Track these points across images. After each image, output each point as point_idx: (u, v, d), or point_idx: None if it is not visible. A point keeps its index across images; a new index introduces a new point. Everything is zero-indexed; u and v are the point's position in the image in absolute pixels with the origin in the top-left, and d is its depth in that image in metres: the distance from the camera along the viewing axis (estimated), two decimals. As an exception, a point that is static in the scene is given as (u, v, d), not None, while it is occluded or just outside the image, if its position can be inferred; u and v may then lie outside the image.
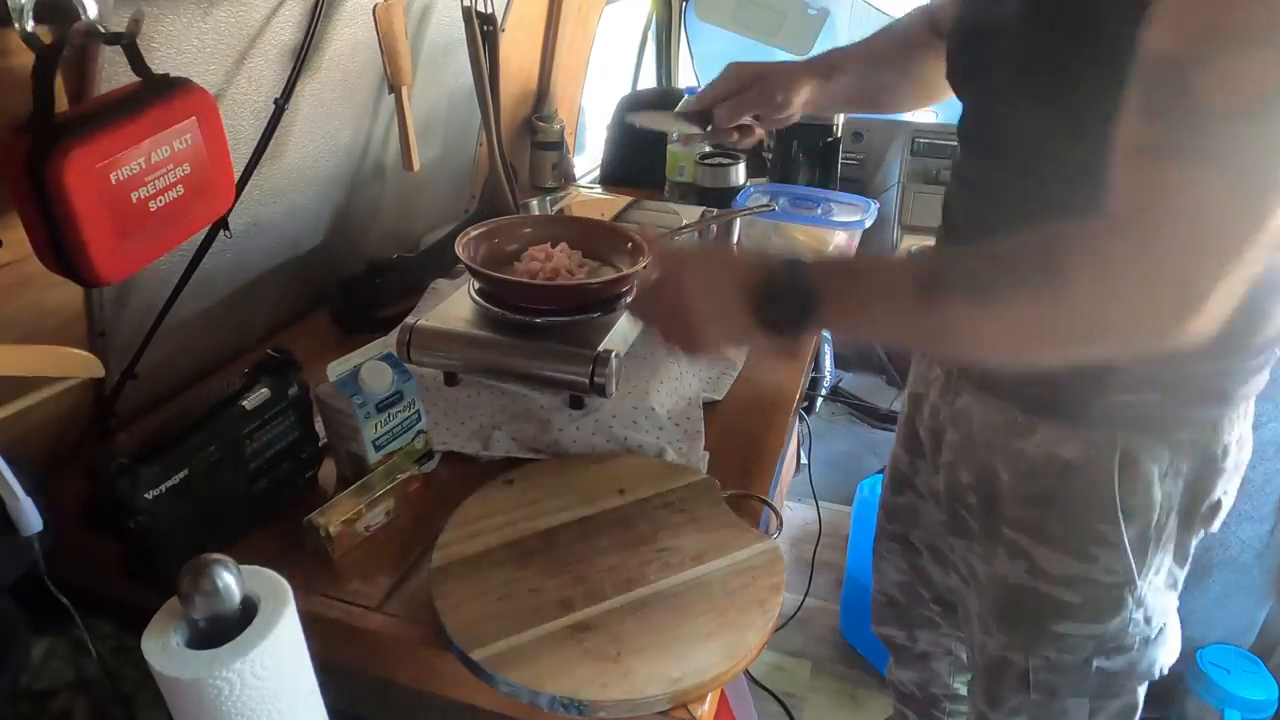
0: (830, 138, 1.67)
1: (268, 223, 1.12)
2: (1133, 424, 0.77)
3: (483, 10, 1.22)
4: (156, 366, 1.01)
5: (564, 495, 0.85)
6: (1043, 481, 0.82)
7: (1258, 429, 1.49)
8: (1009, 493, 0.85)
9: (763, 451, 0.98)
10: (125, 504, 0.71)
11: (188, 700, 0.53)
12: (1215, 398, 0.76)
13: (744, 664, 0.68)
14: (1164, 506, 0.80)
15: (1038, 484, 0.83)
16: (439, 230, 1.45)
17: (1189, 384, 0.75)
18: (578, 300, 1.00)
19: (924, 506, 1.10)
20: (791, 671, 1.84)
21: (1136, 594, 0.84)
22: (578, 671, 0.65)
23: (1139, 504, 0.79)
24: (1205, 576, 1.58)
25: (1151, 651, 0.89)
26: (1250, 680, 1.57)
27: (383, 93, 1.23)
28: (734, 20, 2.12)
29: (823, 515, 1.96)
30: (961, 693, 1.26)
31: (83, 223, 0.69)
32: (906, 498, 1.12)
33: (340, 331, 1.22)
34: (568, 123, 1.83)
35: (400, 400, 0.87)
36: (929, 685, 1.28)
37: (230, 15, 0.89)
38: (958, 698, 1.27)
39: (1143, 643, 0.88)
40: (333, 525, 0.79)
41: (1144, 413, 0.76)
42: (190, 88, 0.78)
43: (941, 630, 1.21)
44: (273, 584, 0.57)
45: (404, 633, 0.73)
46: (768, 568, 0.76)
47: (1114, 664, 0.88)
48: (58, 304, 0.86)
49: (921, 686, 1.29)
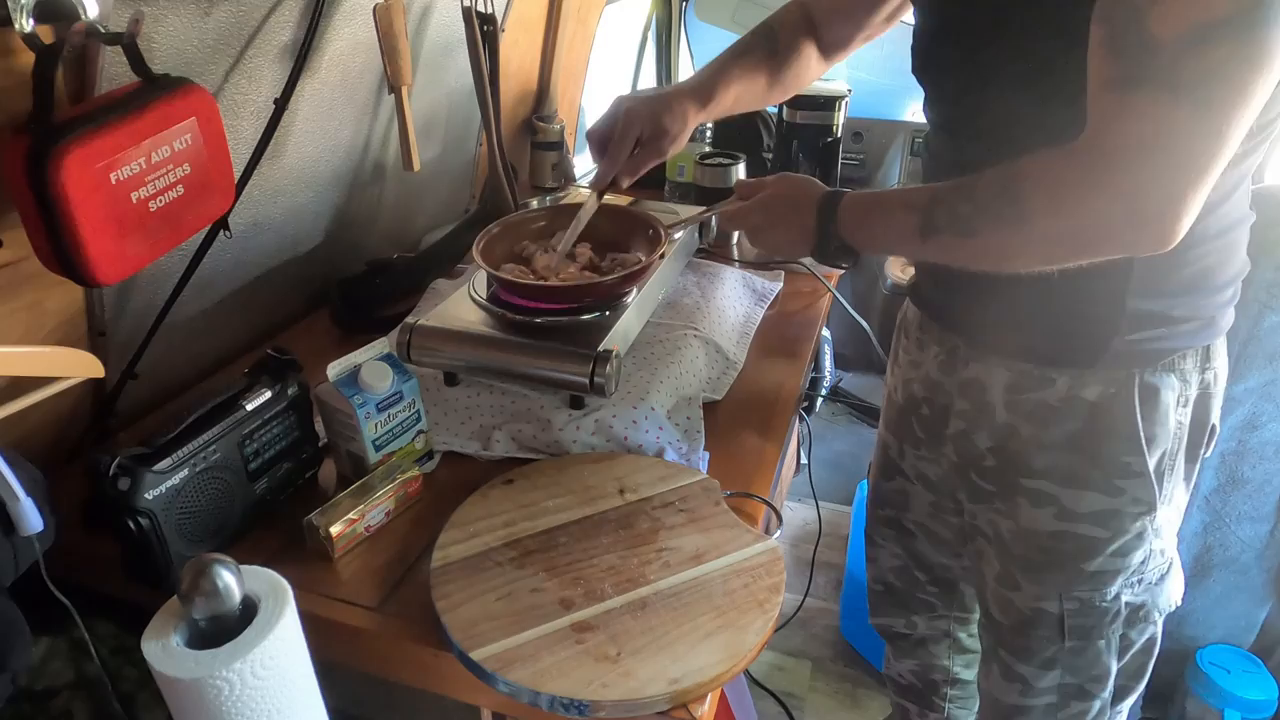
0: (830, 138, 1.67)
1: (268, 223, 1.12)
2: (1145, 358, 0.83)
3: (483, 10, 1.22)
4: (156, 366, 1.01)
5: (564, 495, 0.85)
6: (1068, 425, 0.87)
7: (1257, 429, 1.49)
8: (1032, 443, 0.89)
9: (763, 451, 0.98)
10: (125, 504, 0.71)
11: (188, 700, 0.53)
12: (1207, 327, 0.84)
13: (744, 664, 0.68)
14: (1176, 434, 0.87)
15: (1062, 429, 0.87)
16: (439, 230, 1.45)
17: (1186, 317, 0.82)
18: (578, 300, 1.00)
19: (913, 490, 1.13)
20: (791, 671, 1.84)
21: (1155, 524, 0.90)
22: (578, 671, 0.65)
23: (1159, 432, 0.85)
24: (1205, 576, 1.59)
25: (1167, 585, 0.95)
26: (1250, 680, 1.57)
27: (383, 93, 1.23)
28: (734, 20, 2.12)
29: (823, 515, 1.96)
30: (962, 676, 1.27)
31: (82, 223, 0.69)
32: (896, 483, 1.15)
33: (340, 331, 1.22)
34: (568, 123, 1.83)
35: (400, 400, 0.87)
36: (929, 672, 1.30)
37: (230, 15, 0.89)
38: (957, 682, 1.28)
39: (1159, 576, 0.94)
40: (333, 525, 0.79)
41: (1153, 346, 0.82)
42: (190, 88, 0.78)
43: (938, 612, 1.23)
44: (273, 584, 0.58)
45: (404, 633, 0.73)
46: (768, 568, 0.76)
47: (1139, 597, 0.93)
48: (58, 304, 0.86)
49: (921, 674, 1.31)
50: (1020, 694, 1.01)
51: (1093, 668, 0.96)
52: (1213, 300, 0.83)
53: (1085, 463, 0.87)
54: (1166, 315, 0.81)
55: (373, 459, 0.86)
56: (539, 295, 1.00)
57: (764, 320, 1.25)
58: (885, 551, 1.22)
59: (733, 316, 1.23)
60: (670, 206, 1.42)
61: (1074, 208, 0.66)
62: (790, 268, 1.39)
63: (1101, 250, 0.68)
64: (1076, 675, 0.97)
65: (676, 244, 1.21)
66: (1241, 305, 0.87)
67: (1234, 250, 0.83)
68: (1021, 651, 0.99)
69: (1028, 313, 0.85)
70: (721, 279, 1.31)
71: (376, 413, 0.85)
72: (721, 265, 1.37)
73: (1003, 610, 1.00)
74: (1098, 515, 0.89)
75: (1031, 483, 0.91)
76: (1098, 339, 0.83)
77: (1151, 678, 0.99)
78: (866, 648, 1.86)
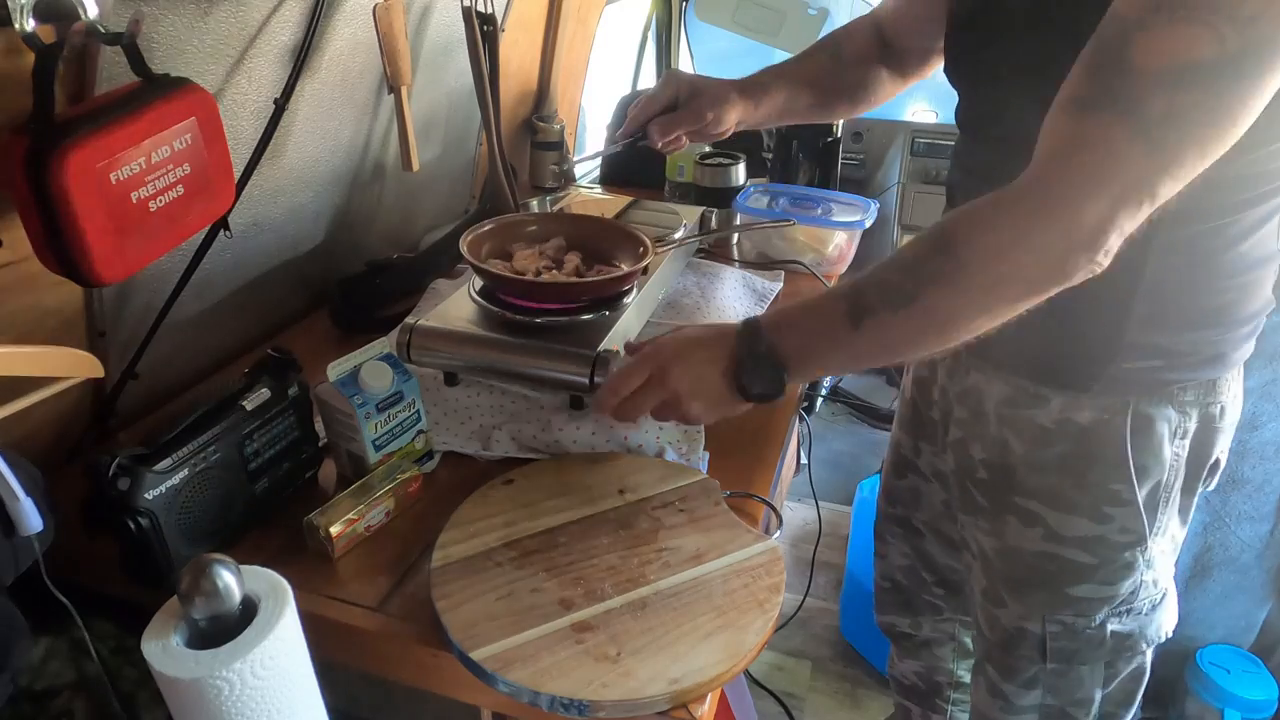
0: (830, 138, 1.67)
1: (268, 223, 1.12)
2: (1141, 388, 0.81)
3: (483, 10, 1.22)
4: (156, 366, 1.01)
5: (564, 495, 0.85)
6: (1058, 448, 0.86)
7: (1257, 429, 1.49)
8: (1022, 462, 0.88)
9: (763, 451, 0.98)
10: (125, 504, 0.71)
11: (188, 700, 0.53)
12: (1213, 361, 0.81)
13: (744, 664, 0.68)
14: (1172, 466, 0.85)
15: (1053, 450, 0.86)
16: (439, 230, 1.45)
17: (1190, 351, 0.79)
18: (578, 300, 1.00)
19: (927, 488, 1.11)
20: (791, 671, 1.84)
21: (1147, 555, 0.88)
22: (578, 671, 0.65)
23: (1151, 463, 0.84)
24: (1205, 576, 1.59)
25: (1159, 616, 0.93)
26: (1250, 680, 1.57)
27: (383, 93, 1.23)
28: (734, 20, 2.12)
29: (823, 515, 1.96)
30: (965, 680, 1.27)
31: (83, 223, 0.69)
32: (909, 480, 1.14)
33: (340, 331, 1.22)
34: (568, 123, 1.83)
35: (400, 400, 0.87)
36: (933, 674, 1.29)
37: (230, 15, 0.89)
38: (961, 685, 1.28)
39: (1150, 606, 0.92)
40: (333, 525, 0.79)
41: (1151, 376, 0.81)
42: (190, 88, 0.78)
43: (944, 615, 1.22)
44: (273, 584, 0.58)
45: (404, 633, 0.73)
46: (768, 568, 0.76)
47: (1126, 626, 0.91)
48: (58, 304, 0.86)
49: (925, 676, 1.30)
50: (1001, 710, 1.00)
51: (1075, 692, 0.95)
52: (1226, 336, 0.80)
53: (1073, 486, 0.86)
54: (1168, 348, 0.79)
55: (373, 459, 0.86)
56: (529, 291, 1.00)
57: (764, 320, 1.25)
58: (894, 550, 1.22)
59: (733, 316, 1.23)
60: (670, 206, 1.42)
61: (1012, 246, 0.65)
62: (790, 268, 1.39)
63: (1040, 287, 0.66)
64: (1058, 698, 0.96)
65: (677, 244, 1.21)
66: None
67: (1258, 287, 0.80)
68: (1005, 669, 0.98)
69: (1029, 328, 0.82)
70: (721, 279, 1.31)
71: (376, 413, 0.85)
72: (721, 265, 1.37)
73: (989, 625, 0.99)
74: (1084, 541, 0.87)
75: (1022, 501, 0.90)
76: (1095, 363, 0.81)
77: (1151, 678, 0.98)
78: (866, 648, 1.86)
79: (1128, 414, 0.82)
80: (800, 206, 1.44)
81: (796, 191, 1.50)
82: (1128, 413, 0.82)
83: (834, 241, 1.41)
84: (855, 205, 1.44)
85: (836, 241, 1.41)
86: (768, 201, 1.46)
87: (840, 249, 1.42)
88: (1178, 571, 1.54)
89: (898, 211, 2.35)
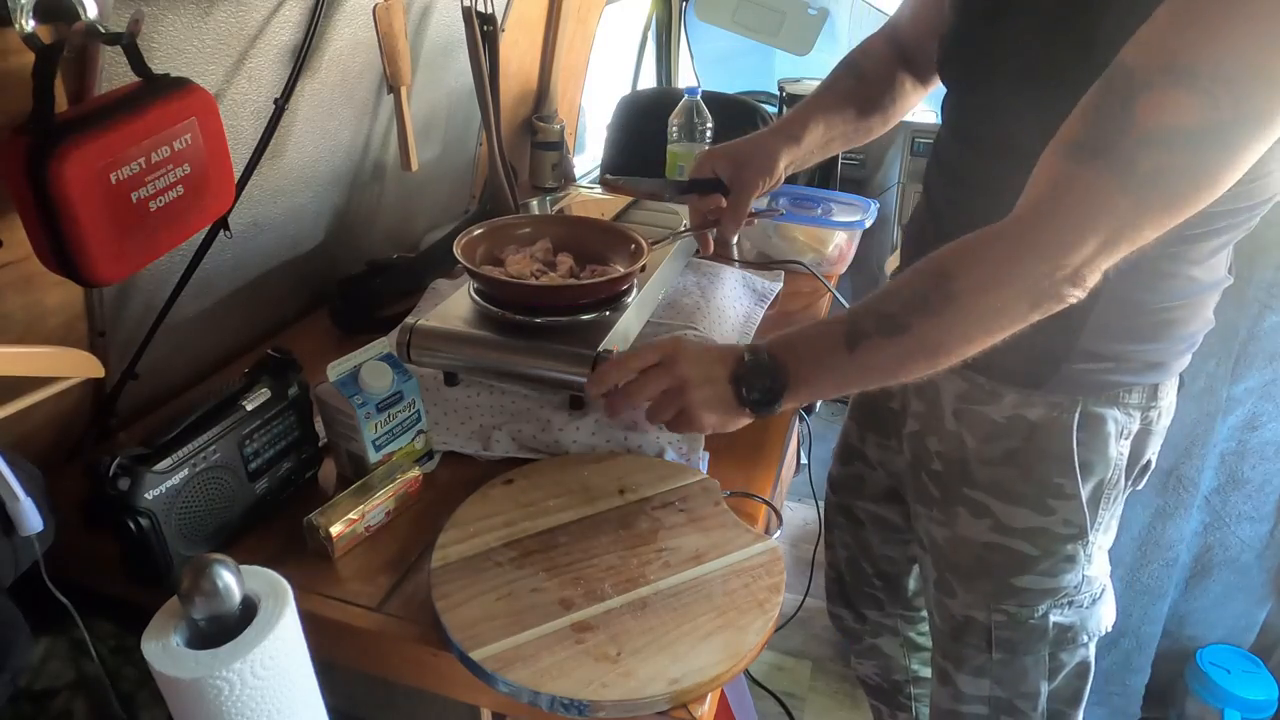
0: (830, 138, 1.67)
1: (268, 223, 1.12)
2: (1090, 388, 0.86)
3: (483, 10, 1.22)
4: (156, 366, 1.01)
5: (564, 495, 0.85)
6: (1008, 442, 0.90)
7: (1257, 429, 1.49)
8: (975, 455, 0.92)
9: (763, 451, 0.98)
10: (125, 504, 0.71)
11: (188, 700, 0.53)
12: (1156, 368, 0.86)
13: (744, 664, 0.68)
14: (1116, 465, 0.89)
15: (1002, 445, 0.90)
16: (439, 230, 1.45)
17: (1137, 358, 0.85)
18: (578, 300, 1.00)
19: (870, 474, 1.16)
20: (791, 671, 1.84)
21: (1088, 550, 0.92)
22: (578, 671, 0.65)
23: (1097, 461, 0.88)
24: (1205, 576, 1.59)
25: (1099, 610, 0.97)
26: (1250, 680, 1.57)
27: (382, 93, 1.23)
28: (734, 20, 2.12)
29: (823, 515, 1.96)
30: (923, 675, 1.29)
31: (83, 223, 0.69)
32: (854, 467, 1.18)
33: (340, 331, 1.22)
34: (568, 123, 1.83)
35: (400, 400, 0.87)
36: (890, 673, 1.33)
37: (230, 15, 0.89)
38: (920, 680, 1.31)
39: (1091, 600, 0.96)
40: (333, 525, 0.79)
41: (1100, 378, 0.85)
42: (190, 88, 0.78)
43: (885, 610, 1.26)
44: (273, 584, 0.58)
45: (404, 633, 0.73)
46: (767, 568, 0.76)
47: (1067, 618, 0.95)
48: (58, 304, 0.86)
49: (884, 675, 1.34)
50: (953, 699, 1.04)
51: (1020, 684, 0.98)
52: (1170, 348, 0.85)
53: (1020, 479, 0.90)
54: (1117, 354, 0.84)
55: (373, 459, 0.86)
56: (528, 297, 1.00)
57: (764, 320, 1.25)
58: (838, 540, 1.27)
59: (733, 316, 1.23)
60: (670, 206, 1.42)
61: (1004, 279, 0.69)
62: (790, 268, 1.39)
63: (1025, 317, 0.71)
64: (1005, 689, 0.99)
65: (677, 244, 1.21)
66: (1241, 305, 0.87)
67: (1203, 308, 0.85)
68: (955, 658, 1.02)
69: None
70: (721, 279, 1.31)
71: (376, 413, 0.85)
72: (721, 265, 1.37)
73: (941, 615, 1.02)
74: (1028, 532, 0.91)
75: (973, 493, 0.93)
76: (1048, 363, 0.85)
77: (1152, 678, 0.99)
78: (866, 648, 1.86)
79: (1076, 411, 0.86)
80: (800, 206, 1.44)
81: (796, 191, 1.50)
82: (1076, 410, 0.86)
83: (834, 241, 1.41)
84: (855, 205, 1.44)
85: (836, 241, 1.41)
86: (768, 201, 1.46)
87: (840, 249, 1.42)
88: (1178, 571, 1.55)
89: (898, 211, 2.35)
